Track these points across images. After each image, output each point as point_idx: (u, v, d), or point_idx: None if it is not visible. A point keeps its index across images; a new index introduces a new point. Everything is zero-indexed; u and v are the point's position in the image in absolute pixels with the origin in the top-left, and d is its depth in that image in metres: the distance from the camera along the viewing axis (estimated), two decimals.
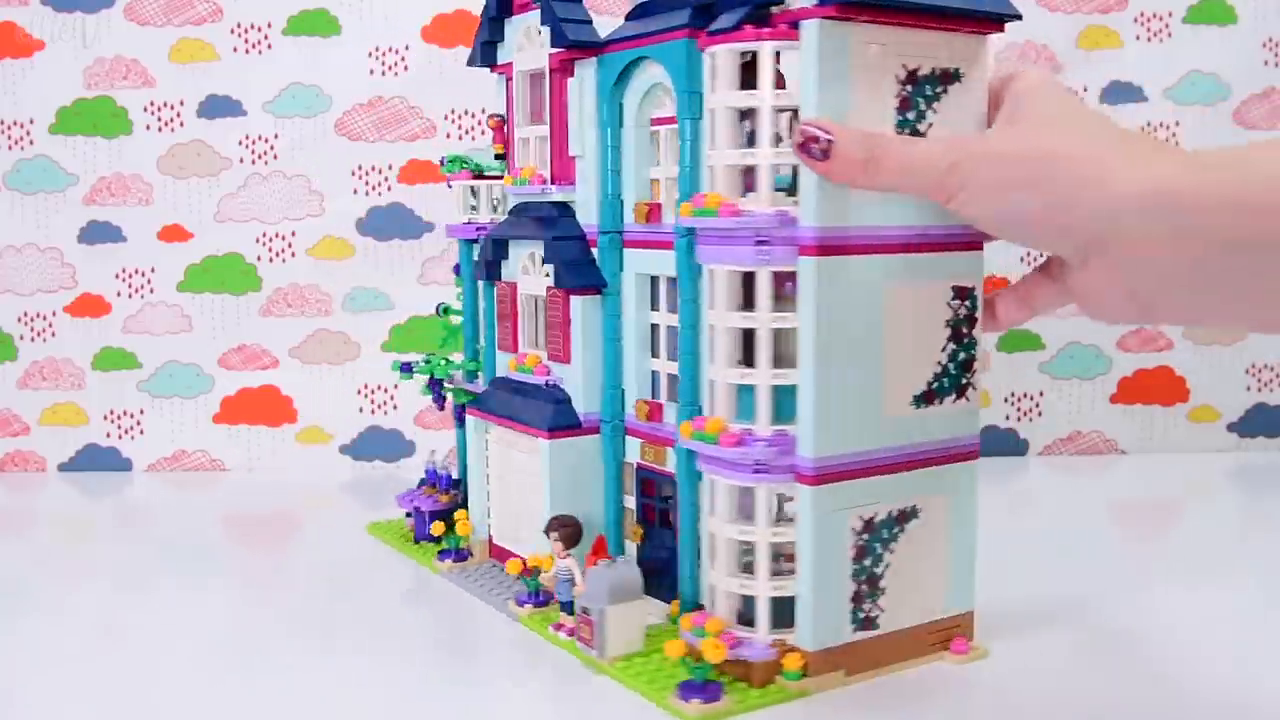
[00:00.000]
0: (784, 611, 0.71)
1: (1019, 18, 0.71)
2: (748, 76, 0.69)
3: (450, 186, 1.02)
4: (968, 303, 0.73)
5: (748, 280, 0.70)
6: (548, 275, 0.87)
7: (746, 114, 0.70)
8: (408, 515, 1.04)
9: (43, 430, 1.35)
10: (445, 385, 1.05)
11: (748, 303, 0.70)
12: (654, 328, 0.84)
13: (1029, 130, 0.63)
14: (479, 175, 1.00)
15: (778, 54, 0.69)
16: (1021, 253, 1.35)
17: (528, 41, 0.88)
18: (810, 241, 0.67)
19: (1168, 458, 1.37)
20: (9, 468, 1.35)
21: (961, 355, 0.73)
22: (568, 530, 0.82)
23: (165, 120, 1.31)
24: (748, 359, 0.71)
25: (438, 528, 0.98)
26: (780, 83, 0.69)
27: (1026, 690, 0.71)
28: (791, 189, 0.70)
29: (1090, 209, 0.57)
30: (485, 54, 0.94)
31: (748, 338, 0.70)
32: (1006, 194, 0.61)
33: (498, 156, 0.97)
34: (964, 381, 0.73)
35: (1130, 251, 0.57)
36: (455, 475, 1.04)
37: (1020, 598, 0.86)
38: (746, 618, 0.72)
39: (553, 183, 0.87)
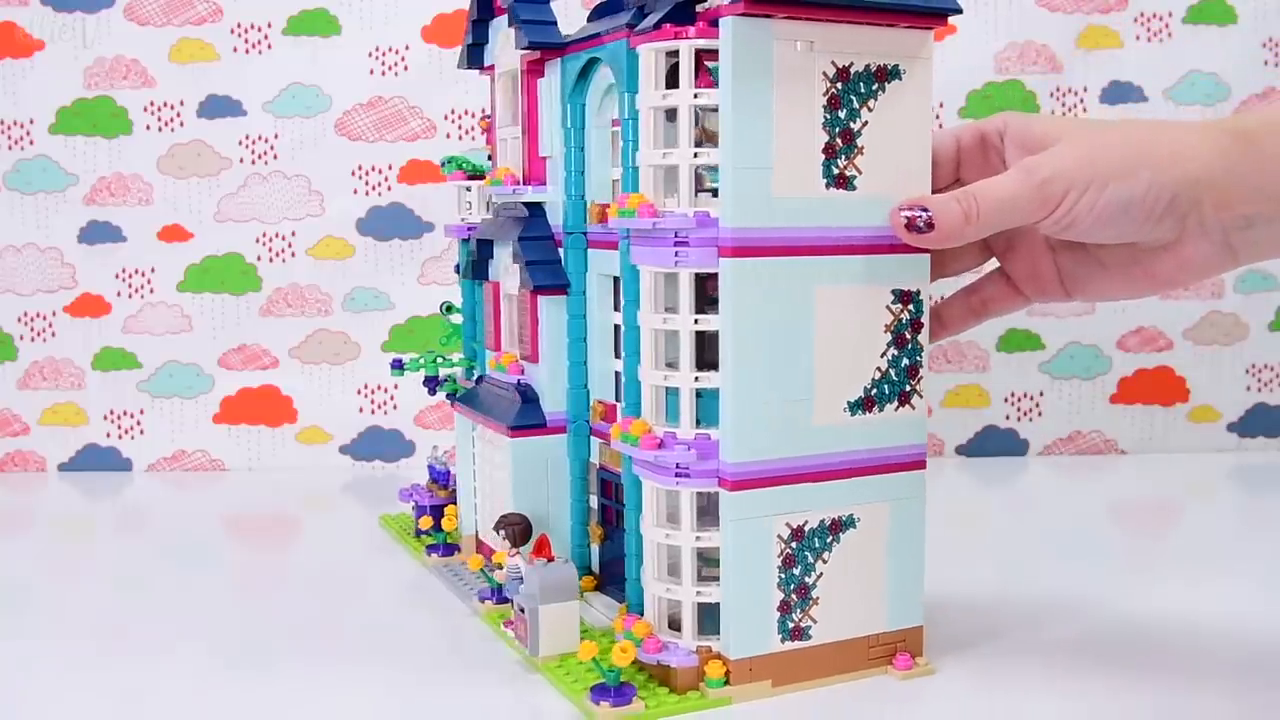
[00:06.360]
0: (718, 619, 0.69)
1: (959, 11, 0.69)
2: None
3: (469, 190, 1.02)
4: (911, 307, 0.70)
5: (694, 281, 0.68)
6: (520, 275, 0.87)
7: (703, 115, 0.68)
8: (414, 508, 1.04)
9: (43, 430, 1.35)
10: (439, 381, 1.06)
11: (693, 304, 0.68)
12: (616, 329, 0.83)
13: (1088, 137, 0.67)
14: (474, 176, 1.00)
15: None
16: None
17: (506, 43, 0.88)
18: (728, 243, 0.65)
19: (1168, 458, 1.37)
20: (9, 468, 1.35)
21: (905, 361, 0.70)
22: (516, 528, 0.81)
23: (165, 120, 1.32)
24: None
25: (425, 522, 0.99)
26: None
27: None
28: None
29: (1184, 178, 0.64)
30: (472, 56, 0.94)
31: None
32: (1105, 188, 0.64)
33: (490, 157, 0.97)
34: (907, 388, 0.71)
35: (1224, 198, 0.65)
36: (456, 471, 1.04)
37: (1014, 599, 0.86)
38: (680, 622, 0.70)
39: (526, 183, 0.87)
